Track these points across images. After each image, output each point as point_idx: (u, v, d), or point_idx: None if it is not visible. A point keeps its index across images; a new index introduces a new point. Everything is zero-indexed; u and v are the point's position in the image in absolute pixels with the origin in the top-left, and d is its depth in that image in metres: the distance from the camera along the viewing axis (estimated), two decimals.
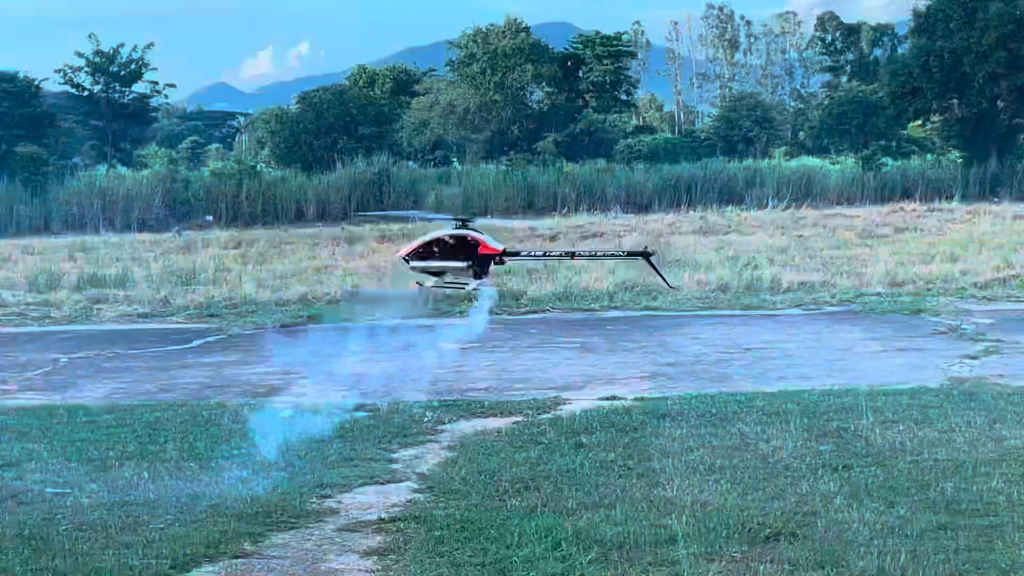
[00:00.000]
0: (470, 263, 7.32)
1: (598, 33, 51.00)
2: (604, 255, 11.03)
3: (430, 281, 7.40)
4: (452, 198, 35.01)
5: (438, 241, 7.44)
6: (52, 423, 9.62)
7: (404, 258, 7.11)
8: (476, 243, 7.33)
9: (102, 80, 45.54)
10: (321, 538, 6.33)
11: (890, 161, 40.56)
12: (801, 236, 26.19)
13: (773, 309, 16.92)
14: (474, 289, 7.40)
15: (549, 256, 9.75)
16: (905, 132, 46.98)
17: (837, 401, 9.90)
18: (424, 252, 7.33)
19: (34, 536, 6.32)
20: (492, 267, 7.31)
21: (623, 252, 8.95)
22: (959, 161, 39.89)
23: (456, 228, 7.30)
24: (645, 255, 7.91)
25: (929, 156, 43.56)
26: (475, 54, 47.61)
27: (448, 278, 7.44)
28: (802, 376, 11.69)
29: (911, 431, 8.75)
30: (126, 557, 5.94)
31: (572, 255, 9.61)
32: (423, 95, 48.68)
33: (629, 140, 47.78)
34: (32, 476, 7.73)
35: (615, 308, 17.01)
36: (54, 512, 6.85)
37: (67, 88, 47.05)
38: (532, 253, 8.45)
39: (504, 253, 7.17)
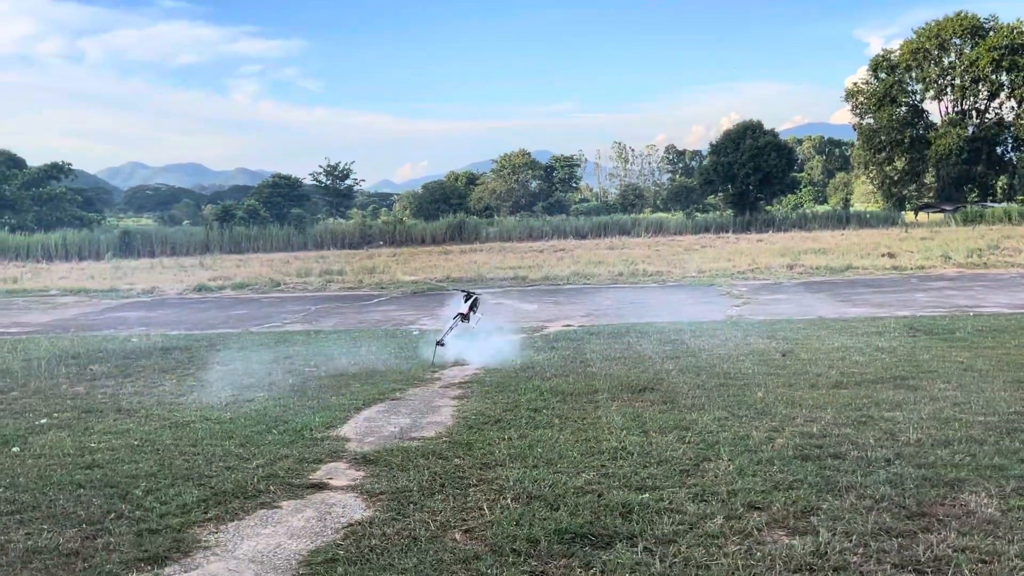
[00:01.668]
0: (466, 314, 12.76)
1: (561, 155, 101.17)
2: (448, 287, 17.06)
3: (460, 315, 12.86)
4: (493, 233, 65.66)
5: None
6: (308, 337, 16.22)
7: (459, 313, 12.96)
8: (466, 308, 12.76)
9: (330, 178, 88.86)
10: (432, 391, 10.67)
11: (699, 215, 75.79)
12: (657, 249, 43.57)
13: (644, 284, 26.82)
14: (469, 323, 12.82)
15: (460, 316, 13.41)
16: (706, 200, 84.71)
17: (674, 327, 15.79)
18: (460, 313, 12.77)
19: (297, 388, 11.00)
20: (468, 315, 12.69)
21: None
22: (731, 214, 72.35)
23: (464, 298, 13.29)
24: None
25: (716, 212, 79.05)
26: (504, 166, 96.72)
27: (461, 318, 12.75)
28: (656, 316, 18.23)
29: (708, 341, 13.84)
30: (341, 398, 10.27)
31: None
32: (479, 184, 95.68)
33: (576, 205, 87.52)
34: (298, 361, 13.24)
35: (569, 284, 26.89)
36: (308, 379, 11.76)
37: (314, 182, 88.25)
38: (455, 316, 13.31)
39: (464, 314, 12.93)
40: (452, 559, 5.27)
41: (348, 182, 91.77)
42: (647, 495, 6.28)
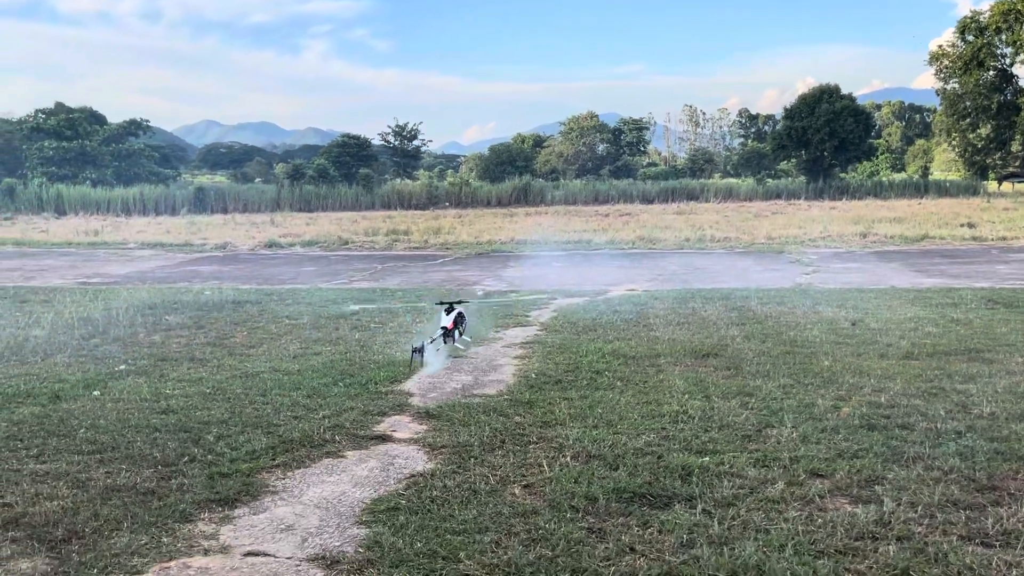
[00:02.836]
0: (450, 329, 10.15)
1: (630, 118, 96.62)
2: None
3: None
4: (558, 196, 64.23)
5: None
6: (374, 295, 16.50)
7: (443, 328, 10.22)
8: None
9: (398, 139, 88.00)
10: (494, 350, 10.74)
11: (770, 181, 71.15)
12: (725, 215, 42.04)
13: (711, 250, 26.39)
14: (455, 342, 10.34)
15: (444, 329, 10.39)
16: (778, 166, 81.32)
17: (740, 293, 15.60)
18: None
19: (363, 343, 11.10)
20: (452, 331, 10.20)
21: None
22: (804, 181, 68.73)
23: (446, 310, 10.36)
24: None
25: (788, 178, 74.58)
26: (572, 128, 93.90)
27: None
28: (722, 282, 17.99)
29: (775, 308, 13.64)
30: (406, 354, 9.93)
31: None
32: (546, 147, 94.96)
33: (644, 169, 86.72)
34: (364, 317, 13.43)
35: (634, 248, 26.60)
36: (377, 329, 11.98)
37: (383, 142, 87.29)
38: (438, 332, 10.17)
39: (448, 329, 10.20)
40: (511, 512, 5.35)
41: (416, 143, 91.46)
42: (707, 459, 6.26)
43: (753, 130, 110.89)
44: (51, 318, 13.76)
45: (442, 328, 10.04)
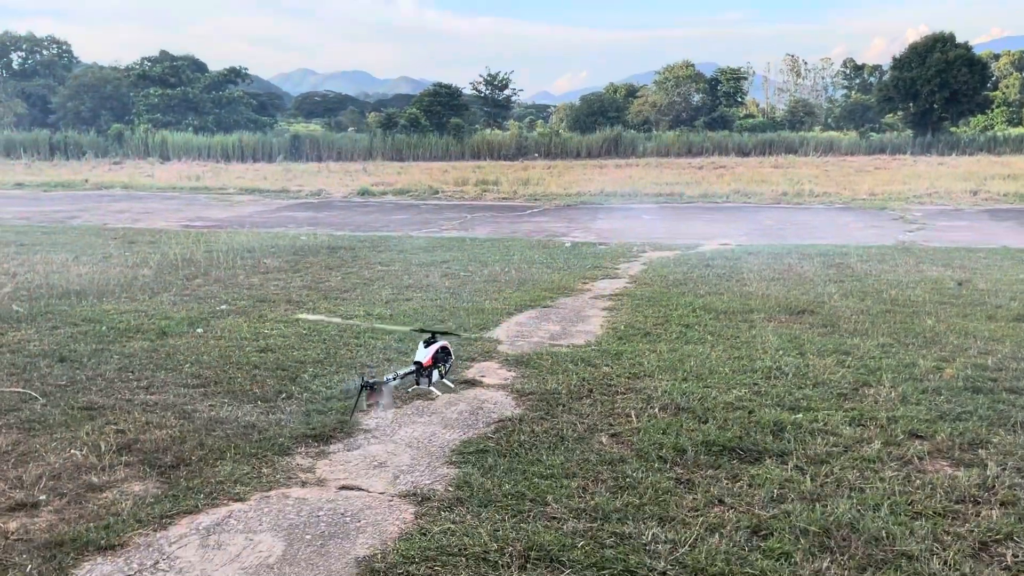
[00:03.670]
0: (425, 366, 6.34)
1: (728, 68, 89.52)
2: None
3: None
4: (650, 148, 62.40)
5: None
6: (462, 244, 16.56)
7: (416, 363, 6.57)
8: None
9: (489, 88, 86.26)
10: (582, 301, 10.75)
11: (874, 135, 67.77)
12: (825, 169, 40.78)
13: (809, 205, 25.53)
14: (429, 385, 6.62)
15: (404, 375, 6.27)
16: (883, 120, 75.57)
17: (839, 250, 15.09)
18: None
19: (453, 291, 11.25)
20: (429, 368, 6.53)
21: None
22: (911, 135, 64.42)
23: (424, 342, 6.69)
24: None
25: (893, 132, 70.23)
26: (667, 78, 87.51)
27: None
28: (820, 238, 17.47)
29: (875, 266, 13.17)
30: (494, 302, 10.46)
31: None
32: (639, 97, 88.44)
33: (740, 120, 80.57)
34: (454, 266, 13.64)
35: (728, 202, 26.18)
36: (467, 277, 12.14)
37: (474, 91, 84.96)
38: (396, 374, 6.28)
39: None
40: (598, 460, 5.37)
41: (506, 92, 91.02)
42: (800, 415, 6.14)
43: (858, 81, 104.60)
44: (157, 259, 14.37)
45: (415, 363, 6.63)
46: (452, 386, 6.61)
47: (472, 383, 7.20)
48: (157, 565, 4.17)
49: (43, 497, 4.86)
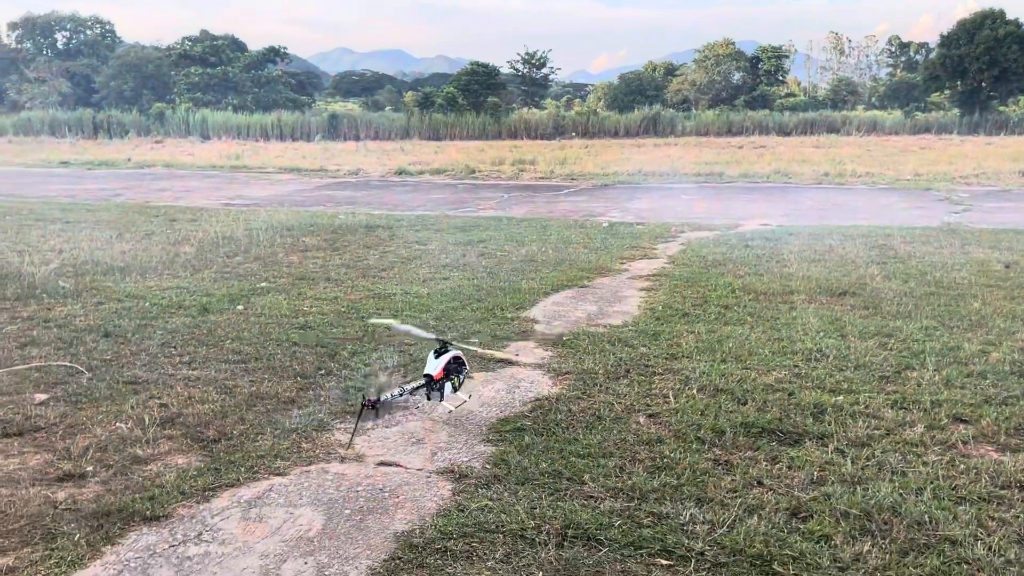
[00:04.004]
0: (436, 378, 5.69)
1: (769, 45, 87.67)
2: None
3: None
4: (689, 127, 62.60)
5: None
6: (498, 224, 16.44)
7: (427, 375, 5.94)
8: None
9: (527, 67, 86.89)
10: (620, 281, 10.66)
11: (919, 114, 64.96)
12: (869, 149, 39.91)
13: (851, 185, 25.10)
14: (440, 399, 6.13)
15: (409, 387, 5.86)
16: (929, 99, 73.30)
17: (881, 231, 14.79)
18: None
19: (490, 270, 11.22)
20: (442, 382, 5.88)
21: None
22: (957, 114, 63.61)
23: (435, 353, 5.96)
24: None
25: (940, 111, 67.44)
26: (707, 56, 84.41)
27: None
28: (862, 219, 17.06)
29: (919, 247, 12.92)
30: (530, 282, 10.39)
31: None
32: (678, 76, 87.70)
33: (781, 99, 79.53)
34: (491, 245, 13.58)
35: (769, 182, 25.75)
36: (504, 257, 12.07)
37: (511, 70, 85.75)
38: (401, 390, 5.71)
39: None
40: (635, 440, 5.36)
41: (544, 71, 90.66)
42: (841, 397, 6.06)
43: (903, 59, 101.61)
44: (198, 236, 14.56)
45: (425, 376, 5.88)
46: (466, 398, 6.02)
47: (508, 362, 7.21)
48: (200, 536, 4.25)
49: (90, 468, 4.97)
